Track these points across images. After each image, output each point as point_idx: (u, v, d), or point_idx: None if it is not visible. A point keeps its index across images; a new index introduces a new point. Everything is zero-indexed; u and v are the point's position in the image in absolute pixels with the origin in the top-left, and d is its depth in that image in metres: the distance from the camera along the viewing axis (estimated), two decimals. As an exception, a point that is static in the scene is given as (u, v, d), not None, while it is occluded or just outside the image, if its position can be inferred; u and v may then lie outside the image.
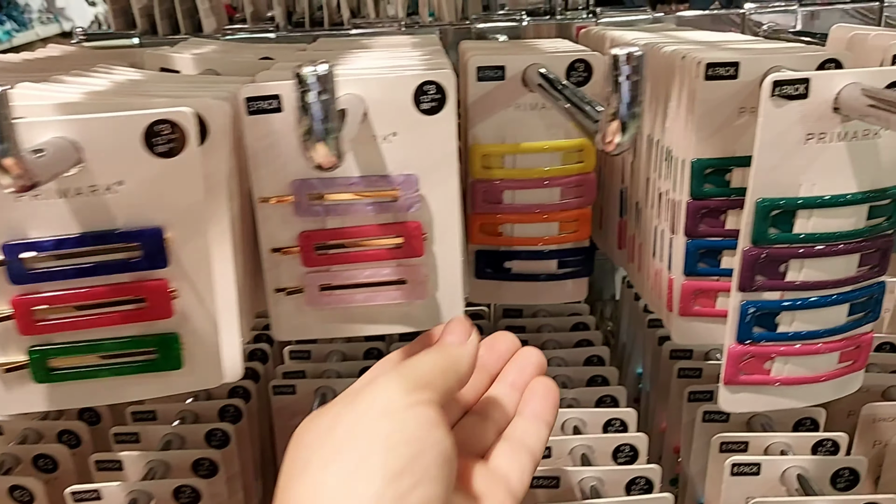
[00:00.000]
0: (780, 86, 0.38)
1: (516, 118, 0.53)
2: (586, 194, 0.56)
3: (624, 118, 0.31)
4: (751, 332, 0.43)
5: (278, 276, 0.47)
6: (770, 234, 0.41)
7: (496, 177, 0.55)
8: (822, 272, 0.42)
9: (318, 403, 0.63)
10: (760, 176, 0.40)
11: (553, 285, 0.58)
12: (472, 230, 0.56)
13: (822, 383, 0.45)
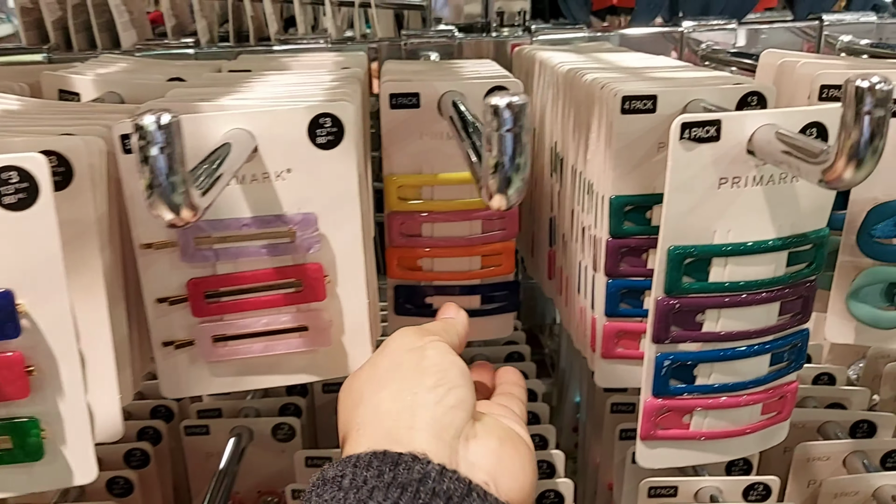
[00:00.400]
0: (690, 128, 0.35)
1: (433, 147, 0.50)
2: (509, 227, 0.53)
3: (507, 173, 0.28)
4: (667, 385, 0.40)
5: (165, 328, 0.43)
6: (684, 283, 0.38)
7: (413, 209, 0.52)
8: (741, 322, 0.39)
9: (235, 444, 0.60)
10: (672, 222, 0.37)
11: (477, 322, 0.54)
12: (390, 264, 0.53)
13: (745, 436, 0.42)
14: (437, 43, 0.74)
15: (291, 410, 0.65)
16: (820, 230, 0.39)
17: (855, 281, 0.44)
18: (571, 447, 0.81)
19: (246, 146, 0.39)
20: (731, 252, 0.38)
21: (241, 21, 0.79)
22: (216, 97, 0.44)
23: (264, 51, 0.73)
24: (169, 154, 0.27)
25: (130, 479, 0.56)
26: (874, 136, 0.28)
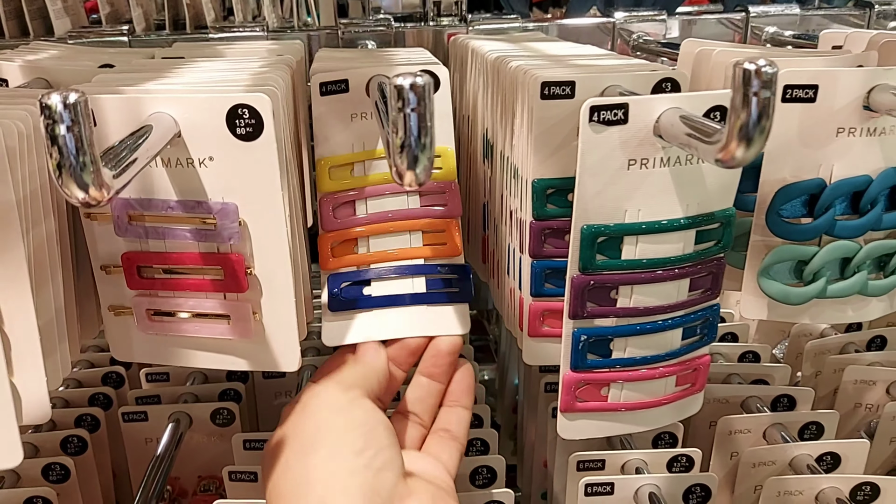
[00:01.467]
0: (599, 111, 0.37)
1: (365, 127, 0.50)
2: (450, 203, 0.51)
3: (414, 151, 0.29)
4: (585, 359, 0.42)
5: (111, 294, 0.45)
6: (598, 260, 0.40)
7: (346, 188, 0.50)
8: (653, 297, 0.41)
9: (172, 429, 0.60)
10: (583, 203, 0.39)
11: (425, 313, 0.50)
12: (323, 253, 0.51)
13: (661, 407, 0.44)
14: (374, 32, 0.74)
15: (231, 395, 0.65)
16: (726, 209, 0.41)
17: (765, 259, 0.46)
18: (512, 428, 0.83)
19: (168, 130, 0.39)
20: (642, 230, 0.39)
21: (177, 9, 0.79)
22: (141, 82, 0.44)
23: (200, 39, 0.73)
24: (76, 133, 0.27)
25: (67, 466, 0.56)
26: (761, 116, 0.30)
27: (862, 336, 0.70)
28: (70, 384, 0.66)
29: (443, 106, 0.49)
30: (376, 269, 0.50)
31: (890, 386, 0.64)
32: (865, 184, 0.45)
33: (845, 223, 0.46)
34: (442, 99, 0.49)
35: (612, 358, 0.42)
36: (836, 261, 0.47)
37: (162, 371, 0.68)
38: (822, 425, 0.59)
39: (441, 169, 0.50)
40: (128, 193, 0.42)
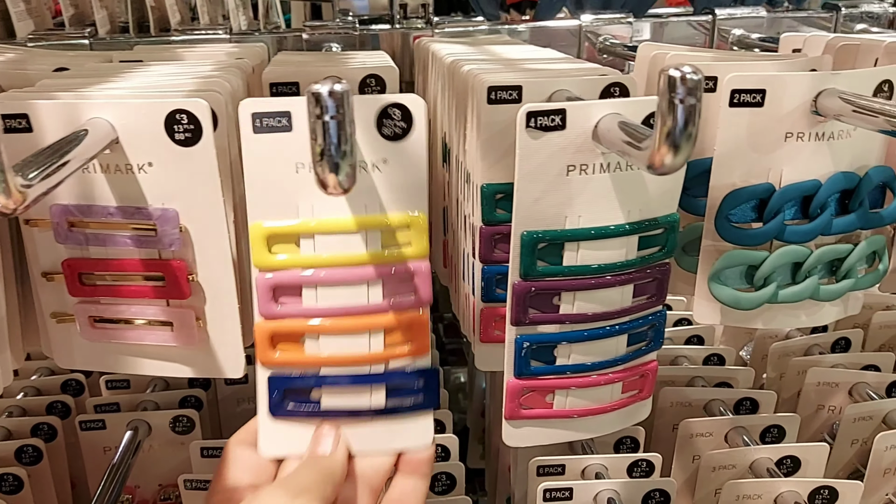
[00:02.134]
0: (535, 117, 0.36)
1: (309, 183, 0.37)
2: (420, 290, 0.40)
3: (334, 159, 0.29)
4: (528, 366, 0.41)
5: (51, 301, 0.44)
6: (539, 267, 0.39)
7: (290, 266, 0.39)
8: (596, 304, 0.41)
9: (130, 437, 0.60)
10: (522, 209, 0.38)
11: (382, 427, 0.41)
12: (261, 346, 0.40)
13: (608, 414, 0.44)
14: (338, 34, 0.74)
15: (192, 403, 0.65)
16: (669, 215, 0.41)
17: (715, 264, 0.46)
18: (481, 432, 0.83)
19: (104, 135, 0.39)
20: (582, 237, 0.39)
21: (142, 11, 0.78)
22: (85, 86, 0.44)
23: (162, 42, 0.73)
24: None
25: (20, 476, 0.55)
26: (687, 122, 0.30)
27: (827, 338, 0.70)
28: (28, 392, 0.66)
29: (414, 156, 0.39)
30: (328, 375, 0.40)
31: (852, 388, 0.64)
32: (815, 188, 0.45)
33: (795, 228, 0.46)
34: (415, 145, 0.39)
35: (556, 365, 0.42)
36: (787, 265, 0.47)
37: (122, 378, 0.67)
38: (783, 429, 0.59)
39: (410, 245, 0.40)
40: (67, 199, 0.42)
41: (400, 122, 0.38)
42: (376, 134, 0.38)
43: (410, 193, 0.39)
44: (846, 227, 0.46)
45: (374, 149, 0.38)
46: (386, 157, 0.39)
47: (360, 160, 0.38)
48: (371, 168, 0.39)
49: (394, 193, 0.39)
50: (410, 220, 0.40)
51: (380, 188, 0.39)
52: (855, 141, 0.45)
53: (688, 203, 0.49)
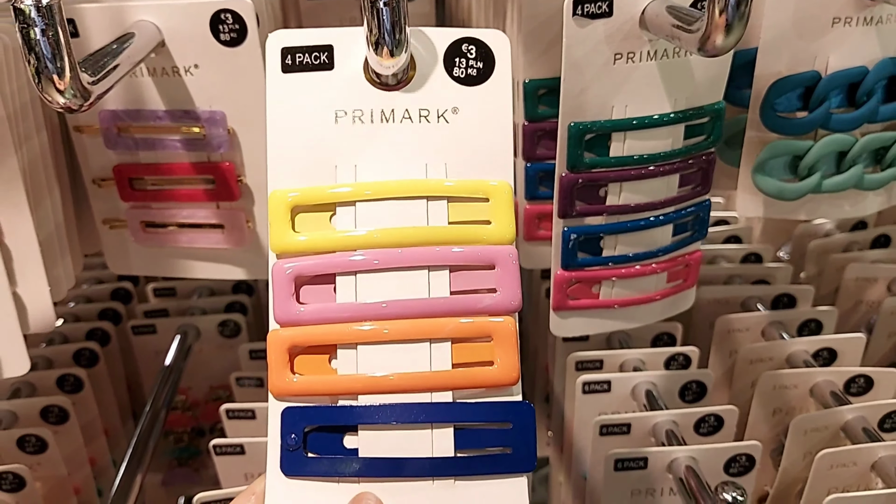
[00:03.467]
0: (582, 4, 0.36)
1: (362, 131, 0.30)
2: (505, 287, 0.29)
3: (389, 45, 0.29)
4: (575, 257, 0.42)
5: (104, 207, 0.46)
6: (585, 158, 0.40)
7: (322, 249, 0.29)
8: (642, 194, 0.41)
9: (180, 340, 0.62)
10: (569, 100, 0.38)
11: (451, 490, 0.28)
12: (276, 367, 0.29)
13: (653, 303, 0.44)
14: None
15: (237, 308, 0.66)
16: (716, 103, 0.41)
17: (759, 155, 0.46)
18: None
19: (150, 38, 0.39)
20: (629, 126, 0.39)
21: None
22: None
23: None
24: (51, 37, 0.27)
25: (80, 377, 0.57)
26: (740, 2, 0.29)
27: (866, 235, 0.70)
28: (79, 300, 0.68)
29: (495, 106, 0.30)
30: (368, 406, 0.28)
31: (891, 283, 0.64)
32: (861, 75, 0.44)
33: (841, 116, 0.45)
34: (496, 91, 0.30)
35: (602, 256, 0.42)
36: (832, 155, 0.46)
37: (169, 287, 0.69)
38: (820, 322, 0.60)
39: (490, 224, 0.30)
40: (115, 105, 0.42)
41: (476, 61, 0.30)
42: (445, 75, 0.30)
43: (490, 154, 0.30)
44: (893, 114, 0.46)
45: (443, 94, 0.30)
46: (457, 105, 0.30)
47: (422, 107, 0.30)
48: (437, 118, 0.30)
49: (467, 153, 0.30)
50: (490, 190, 0.30)
51: (448, 145, 0.30)
52: (905, 25, 0.44)
53: (731, 95, 0.49)
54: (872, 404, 0.49)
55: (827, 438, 0.49)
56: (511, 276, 0.29)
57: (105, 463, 0.61)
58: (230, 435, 0.52)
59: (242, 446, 0.49)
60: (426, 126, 0.30)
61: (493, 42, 0.30)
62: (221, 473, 0.49)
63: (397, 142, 0.30)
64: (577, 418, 0.54)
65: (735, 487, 0.41)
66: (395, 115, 0.30)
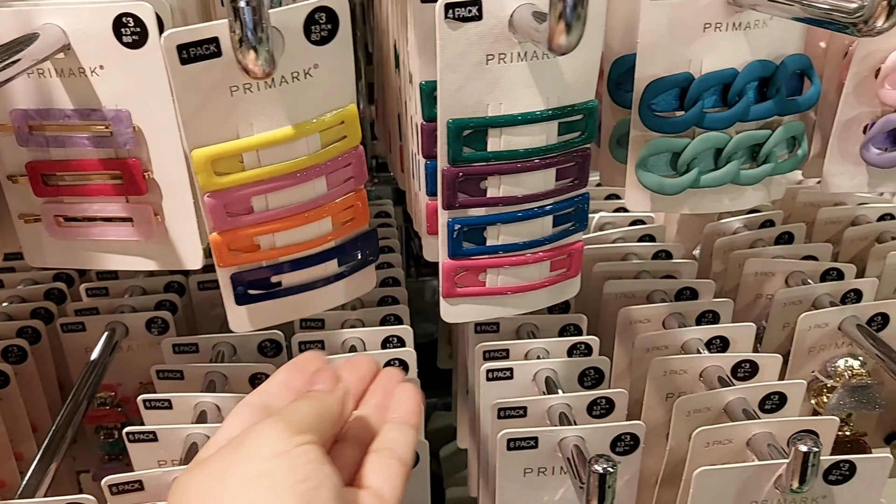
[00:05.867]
0: (452, 8, 0.39)
1: (250, 101, 0.41)
2: (356, 172, 0.46)
3: (252, 43, 0.31)
4: (460, 246, 0.45)
5: (19, 202, 0.48)
6: (465, 153, 0.43)
7: (238, 183, 0.42)
8: (521, 187, 0.44)
9: (108, 337, 0.64)
10: (446, 98, 0.41)
11: (334, 288, 0.48)
12: (219, 254, 0.44)
13: (537, 291, 0.47)
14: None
15: (167, 307, 0.68)
16: (587, 102, 0.44)
17: (641, 152, 0.49)
18: (448, 333, 0.87)
19: (55, 39, 0.41)
20: (503, 123, 0.42)
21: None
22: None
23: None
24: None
25: (6, 373, 0.59)
26: (577, 4, 0.33)
27: (771, 232, 0.74)
28: (13, 300, 0.69)
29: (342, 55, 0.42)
30: (285, 262, 0.46)
31: (788, 276, 0.67)
32: (732, 77, 0.48)
33: (714, 115, 0.48)
34: (341, 44, 0.41)
35: (486, 245, 0.45)
36: (709, 152, 0.50)
37: (101, 286, 0.71)
38: (717, 313, 0.63)
39: (346, 137, 0.44)
40: (27, 104, 0.45)
41: (326, 25, 0.40)
42: (305, 42, 0.40)
43: (340, 90, 0.43)
44: (764, 113, 0.49)
45: (305, 56, 0.41)
46: (317, 62, 0.41)
47: (293, 70, 0.41)
48: (304, 76, 0.41)
49: (327, 95, 0.42)
50: (343, 115, 0.43)
51: (314, 94, 0.42)
52: (772, 30, 0.48)
53: (620, 97, 0.52)
54: (753, 386, 0.52)
55: (710, 419, 0.53)
56: (360, 164, 0.45)
57: (32, 457, 0.62)
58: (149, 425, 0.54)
59: (155, 433, 0.51)
60: (298, 84, 0.41)
61: (336, 5, 0.40)
62: (135, 460, 0.51)
63: (278, 103, 0.41)
64: (482, 404, 0.57)
65: (606, 460, 0.44)
66: (275, 81, 0.40)
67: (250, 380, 0.58)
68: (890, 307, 0.61)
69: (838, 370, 0.61)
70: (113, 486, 0.46)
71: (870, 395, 0.61)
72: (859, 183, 0.53)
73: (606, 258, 0.71)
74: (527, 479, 0.50)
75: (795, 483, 0.45)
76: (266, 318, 0.47)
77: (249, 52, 0.31)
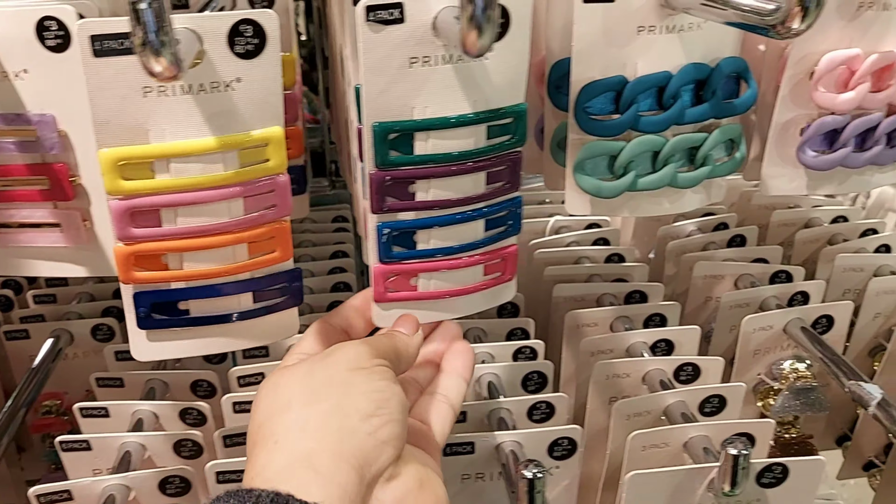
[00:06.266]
0: (374, 10, 0.38)
1: (164, 105, 0.39)
2: (280, 203, 0.42)
3: (155, 45, 0.31)
4: (391, 251, 0.44)
5: None
6: (392, 156, 0.42)
7: (144, 190, 0.40)
8: (451, 191, 0.44)
9: (52, 344, 0.63)
10: (371, 101, 0.41)
11: (250, 325, 0.45)
12: (122, 267, 0.41)
13: (472, 295, 0.47)
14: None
15: (113, 313, 0.68)
16: (516, 105, 0.43)
17: (577, 155, 0.49)
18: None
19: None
20: (430, 126, 0.42)
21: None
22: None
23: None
24: None
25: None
26: (486, 6, 0.32)
27: (723, 235, 0.74)
28: (-43, 308, 0.68)
29: (269, 72, 0.40)
30: (195, 287, 0.43)
31: (738, 279, 0.68)
32: (666, 79, 0.48)
33: (649, 118, 0.48)
34: (268, 61, 0.39)
35: (418, 249, 0.45)
36: (646, 155, 0.50)
37: (49, 293, 0.70)
38: (664, 316, 0.63)
39: (269, 160, 0.41)
40: (-50, 108, 0.44)
41: (252, 38, 0.38)
42: (228, 52, 0.38)
43: (267, 109, 0.40)
44: (699, 116, 0.49)
45: (228, 68, 0.39)
46: (240, 75, 0.39)
47: (213, 80, 0.39)
48: (225, 88, 0.39)
49: (250, 111, 0.40)
50: (268, 136, 0.41)
51: (235, 108, 0.40)
52: (707, 33, 0.48)
53: (560, 100, 0.52)
54: (692, 389, 0.52)
55: (650, 422, 0.53)
56: (284, 193, 0.42)
57: (-26, 466, 0.61)
58: (86, 433, 0.53)
59: (88, 442, 0.50)
60: (218, 95, 0.39)
61: (264, 21, 0.38)
62: (70, 470, 0.51)
63: (194, 112, 0.39)
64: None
65: (536, 465, 0.43)
66: (192, 88, 0.39)
67: (191, 387, 0.58)
68: (834, 309, 0.61)
69: (784, 372, 0.61)
70: (41, 496, 0.46)
71: (815, 397, 0.61)
72: (798, 185, 0.53)
73: (559, 262, 0.71)
74: (464, 485, 0.50)
75: (727, 486, 0.45)
76: (171, 348, 0.44)
77: (151, 55, 0.31)
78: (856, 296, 0.68)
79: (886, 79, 0.49)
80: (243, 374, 0.56)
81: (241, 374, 0.56)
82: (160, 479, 0.48)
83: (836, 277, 0.68)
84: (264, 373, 0.57)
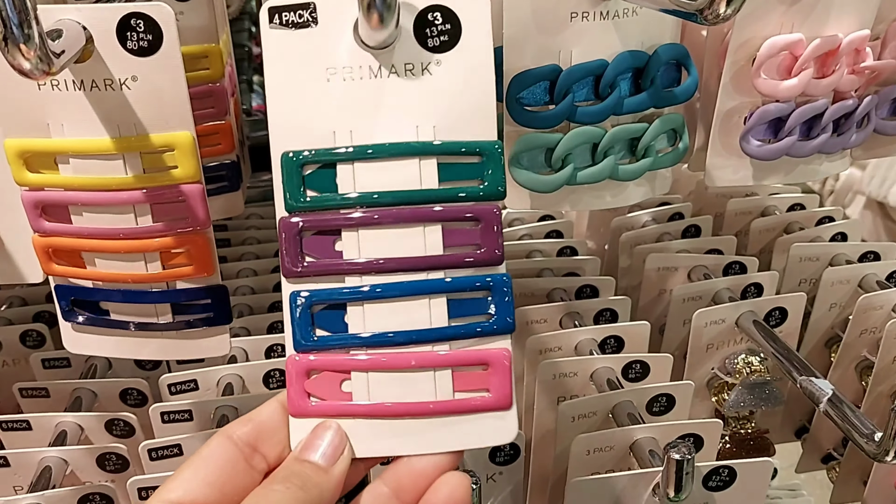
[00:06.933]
0: (279, 12, 0.33)
1: (52, 100, 0.36)
2: (193, 213, 0.39)
3: (18, 40, 0.29)
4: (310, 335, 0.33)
5: None
6: (308, 197, 0.33)
7: (48, 184, 0.38)
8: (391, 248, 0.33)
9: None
10: (279, 124, 0.33)
11: (171, 338, 0.42)
12: (40, 255, 0.41)
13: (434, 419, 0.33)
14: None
15: (44, 318, 0.65)
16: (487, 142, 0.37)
17: (512, 148, 0.47)
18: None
19: None
20: (357, 156, 0.33)
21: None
22: None
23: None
24: None
25: None
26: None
27: (677, 226, 0.72)
28: None
29: (169, 71, 0.36)
30: (109, 291, 0.41)
31: (691, 271, 0.66)
32: (601, 68, 0.45)
33: (586, 109, 0.46)
34: (167, 58, 0.36)
35: (348, 334, 0.33)
36: (585, 147, 0.47)
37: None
38: (616, 311, 0.61)
39: (177, 167, 0.38)
40: None
41: (145, 34, 0.35)
42: (119, 49, 0.35)
43: (170, 112, 0.37)
44: (638, 106, 0.47)
45: (120, 65, 0.35)
46: (135, 74, 0.35)
47: (106, 77, 0.36)
48: (119, 86, 0.36)
49: (150, 113, 0.36)
50: (173, 141, 0.37)
51: (133, 108, 0.36)
52: (643, 20, 0.46)
53: (498, 92, 0.50)
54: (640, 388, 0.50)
55: (598, 423, 0.51)
56: (197, 203, 0.38)
57: None
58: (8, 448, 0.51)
59: (6, 458, 0.48)
60: (111, 93, 0.36)
61: (158, 15, 0.34)
62: (-14, 488, 0.48)
63: (88, 109, 0.36)
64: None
65: (471, 475, 0.41)
66: (84, 85, 0.36)
67: (121, 396, 0.55)
68: (787, 301, 0.59)
69: (737, 367, 0.59)
70: (-49, 519, 0.43)
71: (769, 391, 0.59)
72: (743, 176, 0.51)
73: (511, 256, 0.69)
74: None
75: (671, 492, 0.43)
76: (98, 345, 0.42)
77: (15, 51, 0.28)
78: (812, 286, 0.66)
79: (831, 64, 0.47)
80: (174, 381, 0.54)
81: (173, 382, 0.54)
82: (80, 497, 0.46)
83: (792, 267, 0.67)
84: (197, 380, 0.55)
